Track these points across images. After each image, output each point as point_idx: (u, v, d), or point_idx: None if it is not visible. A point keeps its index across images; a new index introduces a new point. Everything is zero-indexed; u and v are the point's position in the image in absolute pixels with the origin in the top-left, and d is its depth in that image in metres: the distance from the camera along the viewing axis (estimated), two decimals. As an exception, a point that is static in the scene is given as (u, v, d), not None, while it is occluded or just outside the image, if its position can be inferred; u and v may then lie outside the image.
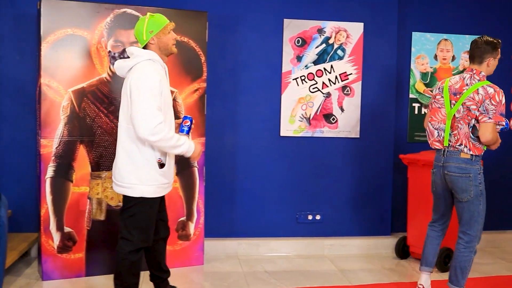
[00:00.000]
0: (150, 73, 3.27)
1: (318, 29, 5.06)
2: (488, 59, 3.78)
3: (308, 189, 5.16)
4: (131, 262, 3.44)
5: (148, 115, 3.17)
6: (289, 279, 4.48)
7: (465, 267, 3.83)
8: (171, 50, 3.46)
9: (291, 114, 5.07)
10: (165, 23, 3.41)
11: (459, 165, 3.75)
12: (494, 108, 3.61)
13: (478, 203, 3.77)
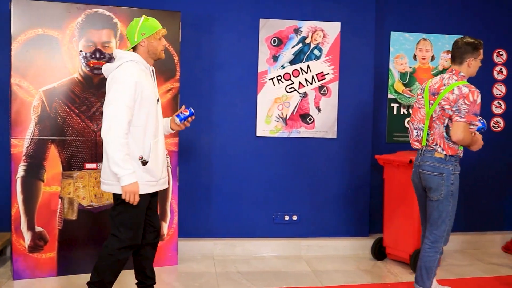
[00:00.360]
0: (126, 74, 3.31)
1: (295, 28, 5.04)
2: (468, 60, 3.77)
3: (285, 189, 5.15)
4: (116, 260, 3.45)
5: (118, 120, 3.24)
6: (261, 280, 4.46)
7: (430, 268, 3.81)
8: (159, 55, 3.51)
9: (267, 114, 5.05)
10: (158, 28, 3.46)
11: (432, 164, 3.76)
12: (467, 107, 3.60)
13: (448, 203, 3.75)
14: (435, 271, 3.85)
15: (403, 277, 4.64)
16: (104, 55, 4.42)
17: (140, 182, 3.37)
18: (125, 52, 3.45)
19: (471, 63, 3.78)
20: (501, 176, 5.52)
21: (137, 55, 3.43)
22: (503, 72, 5.49)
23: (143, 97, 3.34)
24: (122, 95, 3.25)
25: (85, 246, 4.47)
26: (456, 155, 3.76)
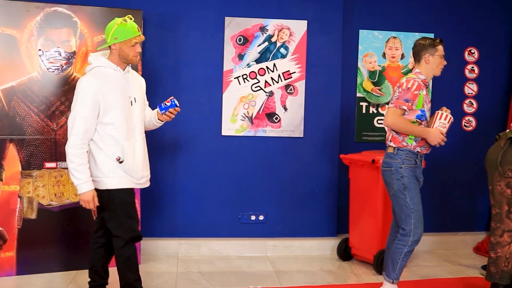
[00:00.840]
0: (86, 84, 3.36)
1: (260, 27, 5.00)
2: (424, 56, 3.81)
3: (251, 189, 5.11)
4: (125, 257, 3.50)
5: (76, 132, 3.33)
6: (220, 280, 4.44)
7: (395, 259, 3.84)
8: (130, 61, 3.49)
9: (233, 113, 5.02)
10: (131, 36, 3.41)
11: (385, 159, 3.88)
12: (399, 94, 3.71)
13: (403, 196, 3.78)
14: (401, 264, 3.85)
15: (365, 278, 4.59)
16: (64, 54, 4.40)
17: (120, 176, 3.45)
18: (95, 57, 3.48)
19: (428, 59, 3.81)
20: (473, 175, 5.45)
21: (106, 60, 3.45)
22: (474, 70, 5.42)
23: (106, 103, 3.36)
24: (80, 106, 3.32)
25: (45, 246, 4.46)
26: (406, 149, 3.78)
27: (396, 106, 3.70)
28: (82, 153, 3.35)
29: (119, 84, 3.45)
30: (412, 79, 3.72)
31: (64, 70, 4.42)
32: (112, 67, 3.44)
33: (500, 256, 3.97)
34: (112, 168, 3.43)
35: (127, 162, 3.44)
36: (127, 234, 3.51)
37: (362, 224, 4.82)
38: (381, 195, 4.60)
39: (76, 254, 4.53)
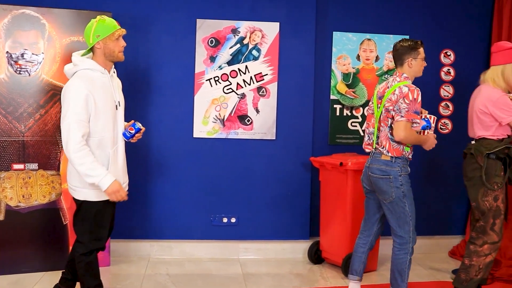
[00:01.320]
0: (78, 87, 3.28)
1: (232, 29, 4.99)
2: (407, 60, 3.77)
3: (223, 191, 5.10)
4: (86, 263, 3.48)
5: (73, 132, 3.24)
6: (186, 283, 4.44)
7: (402, 270, 3.79)
8: (116, 57, 3.43)
9: (204, 115, 5.01)
10: (113, 30, 3.38)
11: (379, 166, 3.76)
12: (407, 106, 3.59)
13: (403, 204, 3.73)
14: (408, 273, 3.83)
15: (333, 281, 4.57)
16: (32, 56, 4.42)
17: (99, 189, 3.36)
18: (80, 59, 3.40)
19: (411, 63, 3.77)
20: (449, 179, 5.41)
21: (93, 62, 3.39)
22: (450, 73, 5.38)
23: (97, 108, 3.31)
24: (74, 109, 3.24)
25: (13, 247, 4.48)
26: (403, 157, 3.73)
27: (408, 120, 3.60)
28: (86, 153, 3.23)
29: (106, 88, 3.40)
30: (415, 89, 3.63)
31: (32, 72, 4.44)
32: (100, 70, 3.38)
33: (473, 265, 3.96)
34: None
35: (110, 171, 3.39)
36: (91, 243, 3.47)
37: (332, 227, 4.79)
38: (350, 199, 4.58)
39: (44, 255, 4.55)
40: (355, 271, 4.08)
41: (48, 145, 4.52)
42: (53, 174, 4.55)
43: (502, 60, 4.05)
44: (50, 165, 4.54)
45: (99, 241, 3.52)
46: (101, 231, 3.51)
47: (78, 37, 4.54)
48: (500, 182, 3.95)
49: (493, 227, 3.95)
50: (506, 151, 3.98)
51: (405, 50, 3.76)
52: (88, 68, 3.36)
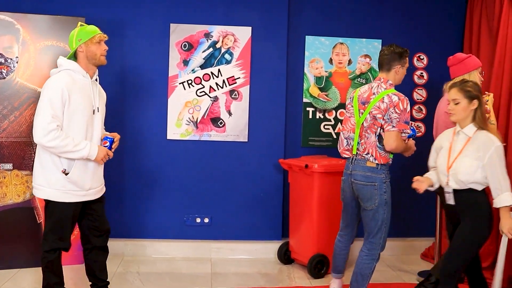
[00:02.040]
0: (55, 83, 3.40)
1: (205, 33, 5.10)
2: (396, 67, 3.79)
3: (197, 192, 5.21)
4: (48, 261, 3.57)
5: (43, 122, 3.34)
6: (154, 281, 4.54)
7: (365, 274, 3.82)
8: (99, 60, 3.56)
9: (178, 117, 5.12)
10: (94, 34, 3.53)
11: (364, 173, 3.75)
12: (398, 116, 3.61)
13: (383, 211, 3.75)
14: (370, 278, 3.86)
15: (299, 281, 4.64)
16: (6, 59, 4.57)
17: (63, 190, 3.47)
18: (64, 60, 3.52)
19: (399, 71, 3.81)
20: (422, 181, 5.44)
21: (75, 64, 3.51)
22: (423, 76, 5.42)
23: (71, 105, 3.42)
24: (51, 107, 3.35)
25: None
26: (387, 164, 3.78)
27: (400, 131, 3.64)
28: (56, 135, 3.32)
29: (85, 90, 3.51)
30: (404, 98, 3.67)
31: (6, 75, 4.58)
32: (81, 73, 3.51)
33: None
34: (57, 180, 3.45)
35: (74, 174, 3.45)
36: (55, 242, 3.55)
37: (300, 228, 4.87)
38: (316, 200, 4.65)
39: (18, 253, 4.68)
40: (340, 271, 4.13)
41: (22, 146, 4.66)
42: (28, 174, 4.69)
43: (463, 70, 4.13)
44: (25, 165, 4.68)
45: (62, 241, 3.58)
46: (64, 232, 3.58)
47: (53, 41, 4.68)
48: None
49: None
50: None
51: (396, 56, 3.77)
52: (71, 69, 3.49)
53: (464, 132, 3.39)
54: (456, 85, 3.39)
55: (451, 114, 3.40)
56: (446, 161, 3.42)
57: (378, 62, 3.86)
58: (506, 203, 3.25)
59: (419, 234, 5.57)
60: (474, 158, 3.28)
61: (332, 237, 4.69)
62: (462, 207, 3.39)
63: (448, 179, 3.39)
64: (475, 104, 3.34)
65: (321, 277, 4.70)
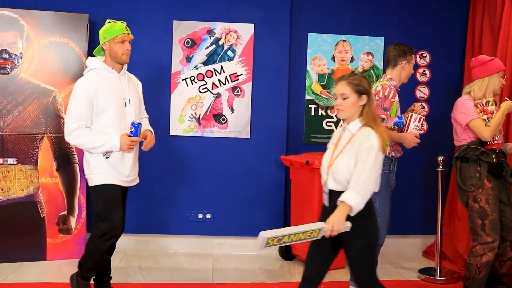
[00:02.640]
0: (81, 84, 3.58)
1: (208, 30, 5.13)
2: (402, 63, 3.93)
3: (199, 188, 5.24)
4: (95, 247, 3.68)
5: (68, 121, 3.56)
6: (154, 275, 4.58)
7: None
8: (120, 59, 3.64)
9: (180, 114, 5.16)
10: (117, 34, 3.60)
11: None
12: (376, 102, 3.70)
13: (374, 201, 3.75)
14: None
15: (299, 278, 4.61)
16: (11, 55, 4.62)
17: (104, 172, 3.62)
18: (90, 60, 3.69)
19: (405, 67, 3.93)
20: (424, 179, 5.45)
21: (100, 62, 3.65)
22: (426, 74, 5.42)
23: (100, 104, 3.56)
24: (75, 105, 3.54)
25: (-7, 236, 4.68)
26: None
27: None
28: (81, 132, 3.52)
29: (113, 85, 3.63)
30: (388, 87, 3.80)
31: (11, 71, 4.64)
32: (107, 70, 3.63)
33: (471, 264, 4.01)
34: (99, 165, 3.61)
35: (113, 158, 3.60)
36: (104, 226, 3.63)
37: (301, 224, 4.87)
38: (317, 197, 4.65)
39: (22, 246, 4.73)
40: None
41: (26, 140, 4.71)
42: (31, 168, 4.74)
43: (484, 73, 4.07)
44: (28, 160, 4.73)
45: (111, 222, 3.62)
46: (112, 216, 3.63)
47: (56, 37, 4.73)
48: (475, 184, 3.99)
49: (484, 228, 3.98)
50: (476, 153, 4.03)
51: (401, 53, 3.92)
52: (96, 68, 3.63)
53: (348, 128, 3.05)
54: (345, 78, 3.05)
55: (338, 110, 3.05)
56: (329, 159, 3.09)
57: (385, 60, 4.00)
58: (349, 201, 2.88)
59: (421, 232, 5.56)
60: (353, 156, 2.96)
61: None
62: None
63: (327, 178, 3.06)
64: (364, 99, 3.00)
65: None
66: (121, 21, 3.67)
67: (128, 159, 3.70)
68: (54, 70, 4.73)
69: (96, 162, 3.61)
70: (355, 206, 2.89)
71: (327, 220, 2.93)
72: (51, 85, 4.74)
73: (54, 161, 4.79)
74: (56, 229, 4.83)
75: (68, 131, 3.54)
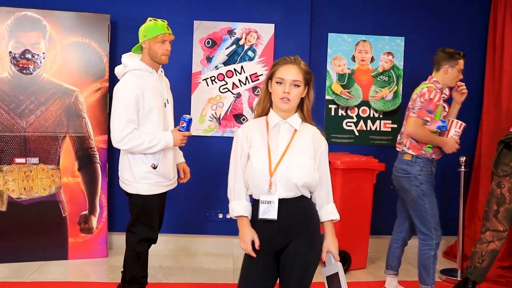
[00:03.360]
0: (127, 86, 3.44)
1: (228, 30, 5.14)
2: (445, 66, 3.95)
3: (219, 188, 5.22)
4: (136, 253, 3.66)
5: (117, 127, 3.41)
6: (176, 275, 4.60)
7: (427, 265, 3.97)
8: (159, 59, 3.55)
9: (201, 114, 5.17)
10: (158, 33, 3.50)
11: (402, 166, 3.97)
12: (421, 104, 3.81)
13: (422, 202, 3.90)
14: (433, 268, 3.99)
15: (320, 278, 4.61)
16: (33, 55, 4.65)
17: (150, 183, 3.55)
18: (130, 60, 3.55)
19: (448, 71, 3.95)
20: (444, 179, 5.42)
21: (141, 62, 3.54)
22: (446, 74, 5.39)
23: (146, 107, 3.46)
24: (124, 112, 3.40)
25: (14, 236, 4.71)
26: (423, 157, 3.90)
27: (418, 117, 3.81)
28: (133, 136, 3.39)
29: (154, 86, 3.54)
30: (434, 90, 3.84)
31: (33, 71, 4.67)
32: (148, 70, 3.53)
33: (476, 252, 4.00)
34: (145, 174, 3.51)
35: (161, 166, 3.54)
36: (143, 232, 3.63)
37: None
38: (338, 197, 4.62)
39: (43, 245, 4.76)
40: (390, 265, 4.25)
41: (48, 140, 4.73)
42: (53, 168, 4.77)
43: None
44: (51, 159, 4.76)
45: (151, 230, 3.65)
46: (151, 221, 3.64)
47: (78, 38, 4.76)
48: (505, 170, 3.97)
49: (497, 214, 3.97)
50: None
51: (445, 56, 3.95)
52: (137, 69, 3.51)
53: (290, 123, 2.66)
54: (296, 62, 2.69)
55: (286, 100, 2.60)
56: (268, 161, 2.60)
57: (432, 62, 4.08)
58: (333, 216, 2.68)
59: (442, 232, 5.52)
60: (310, 156, 2.63)
61: (354, 234, 4.73)
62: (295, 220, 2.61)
63: (271, 184, 2.58)
64: (305, 91, 2.68)
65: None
66: (162, 20, 3.57)
67: (170, 161, 3.63)
68: (76, 70, 4.75)
69: (141, 171, 3.51)
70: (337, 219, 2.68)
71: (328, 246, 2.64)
72: (73, 85, 4.76)
73: (76, 160, 4.81)
74: (78, 229, 4.85)
75: (119, 137, 3.39)
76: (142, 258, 3.67)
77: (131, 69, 3.51)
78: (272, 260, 2.63)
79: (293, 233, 2.60)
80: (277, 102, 2.63)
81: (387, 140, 5.36)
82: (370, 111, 5.35)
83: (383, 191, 5.20)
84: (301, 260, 2.56)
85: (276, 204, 2.55)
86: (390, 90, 5.31)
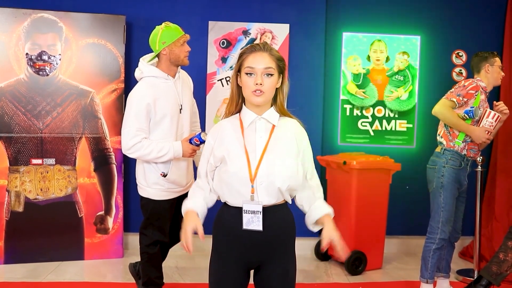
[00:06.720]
0: (140, 95, 3.42)
1: (243, 30, 5.14)
2: (485, 67, 4.02)
3: (234, 188, 5.23)
4: (149, 255, 3.69)
5: (127, 136, 3.41)
6: (192, 275, 4.60)
7: (426, 258, 4.00)
8: (182, 62, 3.54)
9: (216, 114, 5.17)
10: (178, 36, 3.49)
11: (432, 158, 4.05)
12: (454, 89, 3.92)
13: (438, 194, 3.94)
14: (435, 265, 4.00)
15: (336, 278, 4.65)
16: (50, 57, 4.68)
17: (161, 189, 3.56)
18: (146, 66, 3.51)
19: (488, 69, 4.01)
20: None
21: (157, 70, 3.49)
22: (462, 73, 5.36)
23: (158, 115, 3.44)
24: (135, 121, 3.39)
25: (31, 236, 4.74)
26: (452, 150, 3.92)
27: (446, 98, 3.89)
28: (141, 145, 3.38)
29: (170, 93, 3.51)
30: (471, 80, 3.93)
31: (49, 73, 4.69)
32: (164, 77, 3.49)
33: (507, 260, 3.96)
34: (156, 180, 3.53)
35: (172, 175, 3.53)
36: (155, 234, 3.63)
37: (337, 225, 4.82)
38: (354, 197, 4.65)
39: (60, 246, 4.79)
40: (438, 268, 4.18)
41: (64, 141, 4.76)
42: (70, 169, 4.79)
43: None
44: (67, 160, 4.78)
45: (162, 233, 3.65)
46: (162, 224, 3.65)
47: (94, 39, 4.77)
48: None
49: None
50: None
51: (481, 59, 4.03)
52: (153, 76, 3.48)
53: (266, 118, 2.35)
54: (266, 49, 2.31)
55: (260, 92, 2.26)
56: (247, 166, 2.29)
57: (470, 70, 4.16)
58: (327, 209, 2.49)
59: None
60: (293, 155, 2.35)
61: (370, 234, 4.72)
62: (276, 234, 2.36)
63: (253, 191, 2.30)
64: (279, 80, 2.38)
65: (358, 274, 4.69)
66: (168, 23, 3.55)
67: (183, 168, 3.62)
68: (91, 71, 4.77)
69: (153, 177, 3.52)
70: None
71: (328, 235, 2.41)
72: (89, 87, 4.78)
73: (92, 161, 4.83)
74: (94, 229, 4.87)
75: (128, 145, 3.38)
76: (153, 260, 3.69)
77: (146, 76, 3.49)
78: (244, 274, 2.40)
79: (272, 249, 2.34)
80: (249, 96, 2.28)
81: (403, 140, 5.34)
82: (385, 111, 5.32)
83: (399, 191, 5.18)
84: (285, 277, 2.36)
85: (261, 214, 2.27)
86: (405, 89, 5.29)
